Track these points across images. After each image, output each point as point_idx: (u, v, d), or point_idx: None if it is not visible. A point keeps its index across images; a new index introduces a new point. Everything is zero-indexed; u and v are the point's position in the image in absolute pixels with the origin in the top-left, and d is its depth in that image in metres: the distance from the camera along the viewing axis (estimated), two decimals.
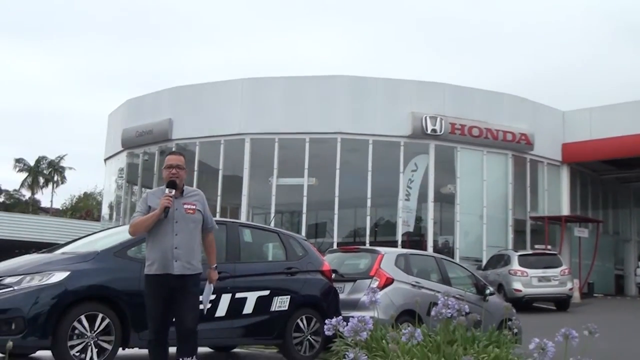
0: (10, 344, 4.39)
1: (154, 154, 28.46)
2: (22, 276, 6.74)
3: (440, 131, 24.79)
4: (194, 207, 5.62)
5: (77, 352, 6.53)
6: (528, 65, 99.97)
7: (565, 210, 27.74)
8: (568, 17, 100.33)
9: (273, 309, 8.05)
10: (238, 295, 7.72)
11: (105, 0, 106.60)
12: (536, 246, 24.53)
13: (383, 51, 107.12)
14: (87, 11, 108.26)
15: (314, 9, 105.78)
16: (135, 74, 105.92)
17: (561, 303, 20.84)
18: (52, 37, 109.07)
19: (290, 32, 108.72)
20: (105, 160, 33.15)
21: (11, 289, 6.63)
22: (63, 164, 67.96)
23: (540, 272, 20.49)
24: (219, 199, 25.45)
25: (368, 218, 25.46)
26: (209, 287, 5.89)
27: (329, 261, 9.50)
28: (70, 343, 6.51)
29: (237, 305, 7.72)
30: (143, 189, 30.31)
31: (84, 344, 6.57)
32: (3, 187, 68.86)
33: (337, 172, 24.65)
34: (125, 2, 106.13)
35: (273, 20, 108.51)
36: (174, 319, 5.49)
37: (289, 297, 8.19)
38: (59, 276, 6.69)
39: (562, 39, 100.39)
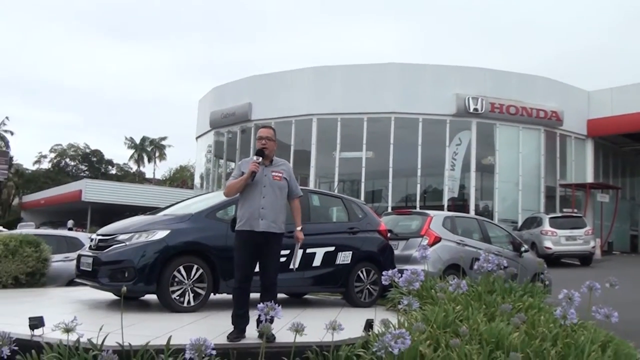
0: (124, 289, 4.55)
1: (236, 133, 28.80)
2: (132, 234, 6.93)
3: (481, 110, 24.41)
4: (281, 174, 5.50)
5: (177, 296, 6.69)
6: (556, 48, 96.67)
7: (590, 178, 27.11)
8: (586, 6, 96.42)
9: (338, 262, 8.05)
10: (309, 250, 7.75)
11: (200, 6, 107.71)
12: (564, 210, 24.17)
13: (429, 40, 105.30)
14: (183, 15, 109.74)
15: (367, 4, 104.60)
16: (220, 65, 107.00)
17: (585, 259, 20.58)
18: (157, 37, 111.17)
19: (349, 25, 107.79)
20: (197, 138, 33.73)
21: (124, 244, 6.84)
22: (163, 142, 69.46)
23: (567, 232, 20.24)
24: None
25: (418, 186, 25.30)
26: (297, 247, 5.72)
27: (385, 222, 9.45)
28: (171, 289, 6.67)
29: (307, 259, 7.75)
30: (227, 162, 30.77)
31: (182, 289, 6.72)
32: (115, 162, 70.96)
33: (391, 146, 24.54)
34: (215, 7, 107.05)
35: (333, 15, 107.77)
36: (257, 271, 5.42)
37: (351, 252, 8.18)
38: (161, 234, 6.84)
39: (585, 25, 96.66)
